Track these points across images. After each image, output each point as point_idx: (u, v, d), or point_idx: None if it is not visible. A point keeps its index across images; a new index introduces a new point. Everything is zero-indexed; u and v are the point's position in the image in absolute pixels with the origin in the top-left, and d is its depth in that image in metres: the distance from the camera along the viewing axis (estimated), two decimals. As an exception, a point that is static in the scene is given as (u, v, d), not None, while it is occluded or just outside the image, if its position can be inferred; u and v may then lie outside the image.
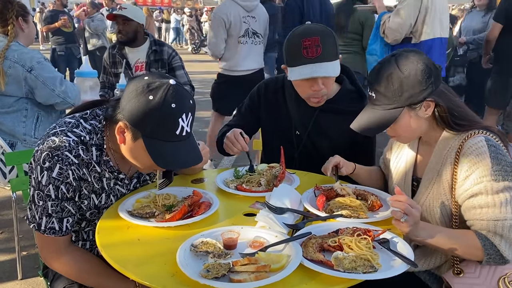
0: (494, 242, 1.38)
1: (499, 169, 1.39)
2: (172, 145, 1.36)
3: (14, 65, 2.62)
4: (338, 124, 1.95)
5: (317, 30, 1.84)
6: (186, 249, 1.26)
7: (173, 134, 1.35)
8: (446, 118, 1.49)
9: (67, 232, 1.47)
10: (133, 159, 1.45)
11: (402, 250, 1.27)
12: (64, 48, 7.29)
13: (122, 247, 1.33)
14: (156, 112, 1.32)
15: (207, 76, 10.73)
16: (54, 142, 1.42)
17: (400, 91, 1.45)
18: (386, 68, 1.48)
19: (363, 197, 1.63)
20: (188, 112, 1.38)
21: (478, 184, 1.40)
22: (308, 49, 1.79)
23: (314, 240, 1.31)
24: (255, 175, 1.81)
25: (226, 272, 1.15)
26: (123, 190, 1.63)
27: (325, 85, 1.86)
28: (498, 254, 1.38)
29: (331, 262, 1.20)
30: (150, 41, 3.54)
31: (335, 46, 1.85)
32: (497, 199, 1.38)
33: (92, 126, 1.50)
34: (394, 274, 1.16)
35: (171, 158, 1.37)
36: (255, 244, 1.31)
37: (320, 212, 1.51)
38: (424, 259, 1.60)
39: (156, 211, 1.51)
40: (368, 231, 1.32)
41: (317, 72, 1.80)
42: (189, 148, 1.41)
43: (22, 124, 2.73)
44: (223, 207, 1.59)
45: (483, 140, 1.42)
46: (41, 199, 1.42)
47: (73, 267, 1.48)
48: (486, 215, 1.39)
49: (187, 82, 3.57)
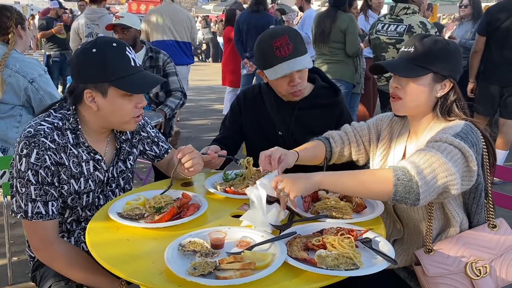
0: (407, 166, 1.34)
1: (462, 136, 1.43)
2: (136, 76, 1.51)
3: (16, 74, 2.63)
4: (316, 117, 2.08)
5: (283, 30, 1.97)
6: (174, 248, 1.29)
7: (129, 66, 1.50)
8: (450, 105, 1.55)
9: (54, 217, 1.53)
10: (114, 115, 1.54)
11: (383, 248, 1.31)
12: (58, 55, 7.33)
13: (111, 247, 1.36)
14: (105, 56, 1.47)
15: (199, 84, 10.80)
16: (30, 132, 1.51)
17: (437, 56, 1.54)
18: (434, 36, 1.58)
19: (348, 198, 1.67)
20: (126, 46, 1.53)
21: (440, 134, 1.45)
22: (280, 48, 1.91)
23: (299, 240, 1.35)
24: (243, 179, 1.85)
25: (213, 269, 1.18)
26: (101, 176, 1.67)
27: (301, 78, 1.99)
28: (407, 178, 1.32)
29: (315, 259, 1.23)
30: (146, 48, 3.60)
31: (302, 43, 1.98)
32: (444, 146, 1.39)
33: (62, 114, 1.59)
34: (375, 271, 1.20)
35: (141, 84, 1.51)
36: (241, 244, 1.35)
37: (306, 213, 1.55)
38: (403, 255, 1.65)
39: (146, 213, 1.55)
40: (351, 231, 1.36)
41: (293, 67, 1.91)
42: (149, 76, 1.58)
43: (15, 129, 2.74)
44: (212, 209, 1.62)
45: (463, 122, 1.50)
46: (23, 186, 1.48)
47: (62, 258, 1.52)
48: (422, 148, 1.42)
49: (179, 89, 3.61)
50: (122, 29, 3.50)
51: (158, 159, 1.93)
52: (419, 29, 4.19)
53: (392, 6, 4.38)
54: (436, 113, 1.57)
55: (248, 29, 5.94)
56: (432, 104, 1.58)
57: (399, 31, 4.29)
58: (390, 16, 4.37)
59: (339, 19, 4.64)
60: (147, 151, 1.90)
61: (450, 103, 1.56)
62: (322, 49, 4.82)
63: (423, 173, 1.33)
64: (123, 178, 1.78)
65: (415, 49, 1.56)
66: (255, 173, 1.86)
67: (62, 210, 1.63)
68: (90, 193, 1.65)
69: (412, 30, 4.20)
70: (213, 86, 10.98)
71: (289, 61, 1.91)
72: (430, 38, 1.57)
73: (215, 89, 10.49)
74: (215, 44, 17.98)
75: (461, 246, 1.50)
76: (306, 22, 5.96)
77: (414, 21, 4.23)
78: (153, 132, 1.91)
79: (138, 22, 3.64)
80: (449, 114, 1.55)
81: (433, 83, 1.55)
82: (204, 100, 9.06)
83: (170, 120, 3.82)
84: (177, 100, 3.58)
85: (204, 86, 10.92)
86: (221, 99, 8.96)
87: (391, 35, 4.34)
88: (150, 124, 1.91)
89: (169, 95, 3.59)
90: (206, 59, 18.69)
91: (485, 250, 1.50)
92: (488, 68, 4.34)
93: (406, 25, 4.24)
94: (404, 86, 1.57)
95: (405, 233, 1.69)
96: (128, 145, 1.78)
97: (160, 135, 1.95)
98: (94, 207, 1.69)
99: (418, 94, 1.56)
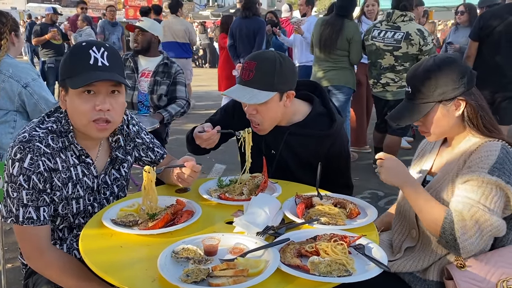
0: (454, 219, 1.43)
1: (499, 168, 1.44)
2: (90, 73, 1.47)
3: (9, 79, 2.63)
4: (306, 146, 1.99)
5: (260, 57, 1.86)
6: (167, 255, 1.29)
7: (87, 64, 1.47)
8: (476, 120, 1.56)
9: (45, 222, 1.52)
10: (74, 115, 1.54)
11: (376, 255, 1.32)
12: (53, 61, 7.34)
13: (104, 254, 1.36)
14: (69, 54, 1.53)
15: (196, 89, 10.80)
16: (25, 137, 1.51)
17: (434, 87, 1.55)
18: (425, 65, 1.59)
19: (342, 205, 1.68)
20: (101, 47, 1.51)
21: (474, 173, 1.47)
22: (243, 70, 1.86)
23: (292, 246, 1.35)
24: (237, 185, 1.85)
25: (205, 276, 1.18)
26: (89, 182, 1.66)
27: (259, 113, 1.87)
28: (452, 234, 1.42)
29: (307, 266, 1.24)
30: (163, 57, 3.74)
31: (272, 77, 1.81)
32: (482, 189, 1.44)
33: (55, 117, 1.61)
34: (368, 277, 1.20)
35: (86, 79, 1.46)
36: (235, 251, 1.35)
37: (300, 219, 1.56)
38: (412, 261, 1.65)
39: (140, 219, 1.54)
40: (344, 237, 1.37)
41: (237, 94, 1.84)
42: (104, 74, 1.49)
43: (10, 135, 2.74)
44: (206, 216, 1.62)
45: (499, 145, 1.50)
46: (14, 191, 1.48)
47: (55, 266, 1.51)
48: (463, 198, 1.45)
49: (184, 97, 3.70)
50: (138, 31, 3.70)
51: (153, 165, 1.93)
52: (417, 36, 4.22)
53: (389, 13, 4.41)
54: (470, 129, 1.58)
55: (240, 35, 6.01)
56: (459, 122, 1.59)
57: (396, 38, 4.32)
58: (387, 23, 4.40)
59: (346, 28, 4.65)
60: (143, 157, 1.90)
61: (474, 117, 1.56)
62: (325, 56, 4.82)
63: (467, 234, 1.41)
64: (117, 186, 1.77)
65: (413, 88, 1.60)
66: (249, 179, 1.86)
67: (53, 218, 1.62)
68: (80, 199, 1.64)
69: (410, 38, 4.23)
70: (210, 92, 10.99)
71: (242, 86, 1.84)
72: (421, 68, 1.58)
73: (212, 95, 10.50)
74: (212, 50, 18.04)
75: (493, 263, 1.50)
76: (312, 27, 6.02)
77: (411, 28, 4.26)
78: (148, 138, 1.90)
79: (156, 28, 3.76)
80: (484, 126, 1.56)
81: (445, 108, 1.57)
82: (201, 106, 9.06)
83: (167, 126, 3.83)
84: (178, 108, 3.61)
85: (201, 92, 10.93)
86: (218, 105, 8.98)
87: (388, 42, 4.36)
88: (144, 130, 1.91)
89: (172, 102, 3.64)
90: (203, 64, 18.73)
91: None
92: (481, 73, 4.36)
93: (403, 32, 4.27)
94: (423, 123, 1.62)
95: (419, 242, 1.68)
96: (122, 152, 1.77)
97: (155, 140, 1.95)
98: (88, 214, 1.69)
99: (437, 124, 1.59)
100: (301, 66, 6.36)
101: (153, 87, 3.60)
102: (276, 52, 1.91)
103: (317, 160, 1.85)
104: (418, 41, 4.23)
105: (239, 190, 1.81)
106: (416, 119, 1.60)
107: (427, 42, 4.25)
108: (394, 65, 4.38)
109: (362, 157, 5.52)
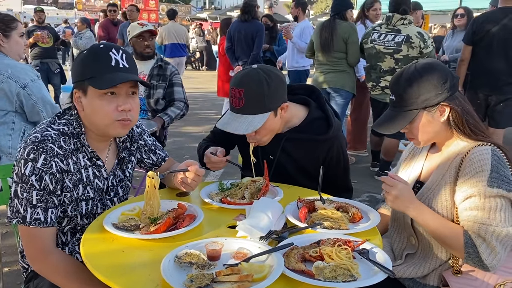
0: (476, 243, 1.43)
1: (496, 177, 1.45)
2: (112, 75, 1.49)
3: (8, 80, 2.62)
4: (303, 151, 1.97)
5: (245, 82, 1.78)
6: (170, 260, 1.28)
7: (110, 65, 1.49)
8: (461, 124, 1.56)
9: (52, 224, 1.51)
10: (95, 116, 1.54)
11: (380, 259, 1.31)
12: (39, 63, 7.17)
13: (106, 258, 1.34)
14: (88, 56, 1.52)
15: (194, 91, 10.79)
16: (37, 137, 1.50)
17: (417, 94, 1.55)
18: (406, 73, 1.58)
19: (344, 209, 1.67)
20: (118, 49, 1.54)
21: (473, 187, 1.46)
22: (232, 98, 1.81)
23: (296, 251, 1.34)
24: (238, 189, 1.84)
25: (210, 282, 1.17)
26: (100, 184, 1.67)
27: (258, 133, 1.84)
28: (477, 256, 1.42)
29: (312, 271, 1.23)
30: (157, 59, 3.71)
31: (262, 100, 1.77)
32: (488, 204, 1.44)
33: (66, 119, 1.60)
34: (372, 282, 1.19)
35: (111, 80, 1.48)
36: (238, 255, 1.34)
37: (303, 223, 1.55)
38: (413, 267, 1.65)
39: (141, 224, 1.53)
40: (348, 242, 1.36)
41: (233, 127, 1.79)
42: (126, 76, 1.52)
43: (8, 137, 2.72)
44: (208, 220, 1.61)
45: (489, 150, 1.49)
46: (24, 191, 1.47)
47: (59, 269, 1.50)
48: (475, 218, 1.45)
49: (182, 99, 3.67)
50: (149, 36, 3.64)
51: (155, 167, 1.93)
52: (417, 39, 4.23)
53: (389, 16, 4.42)
54: (457, 133, 1.58)
55: (239, 38, 5.99)
56: (446, 127, 1.59)
57: (397, 41, 4.33)
58: (387, 26, 4.41)
59: (340, 28, 4.66)
60: (145, 159, 1.90)
61: (460, 122, 1.56)
62: (324, 59, 4.83)
63: (492, 253, 1.41)
64: (121, 187, 1.78)
65: (396, 96, 1.60)
66: (250, 183, 1.85)
67: (60, 219, 1.61)
68: (89, 200, 1.64)
69: (411, 41, 4.25)
70: (207, 94, 10.98)
71: (235, 114, 1.81)
72: (403, 76, 1.58)
73: (209, 97, 10.49)
74: (208, 52, 18.03)
75: None
76: (305, 31, 6.02)
77: (412, 31, 4.27)
78: (150, 140, 1.92)
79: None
80: (470, 129, 1.56)
81: (429, 114, 1.56)
82: (198, 109, 9.05)
83: (165, 129, 3.81)
84: (178, 110, 3.60)
85: (198, 94, 10.91)
86: (215, 107, 8.97)
87: (389, 45, 4.37)
88: (147, 133, 1.92)
89: (171, 104, 3.62)
90: (200, 67, 18.70)
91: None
92: (475, 77, 4.39)
93: (404, 35, 4.29)
94: (409, 130, 1.62)
95: (419, 249, 1.68)
96: (127, 153, 1.78)
97: (157, 143, 1.95)
98: (91, 215, 1.68)
99: (423, 130, 1.59)
100: (292, 71, 6.36)
101: (150, 91, 3.57)
102: (260, 69, 1.80)
103: (316, 164, 1.84)
104: (419, 44, 4.25)
105: (240, 194, 1.80)
106: (401, 127, 1.59)
107: (427, 44, 4.27)
108: (395, 68, 4.38)
109: (360, 161, 5.53)
